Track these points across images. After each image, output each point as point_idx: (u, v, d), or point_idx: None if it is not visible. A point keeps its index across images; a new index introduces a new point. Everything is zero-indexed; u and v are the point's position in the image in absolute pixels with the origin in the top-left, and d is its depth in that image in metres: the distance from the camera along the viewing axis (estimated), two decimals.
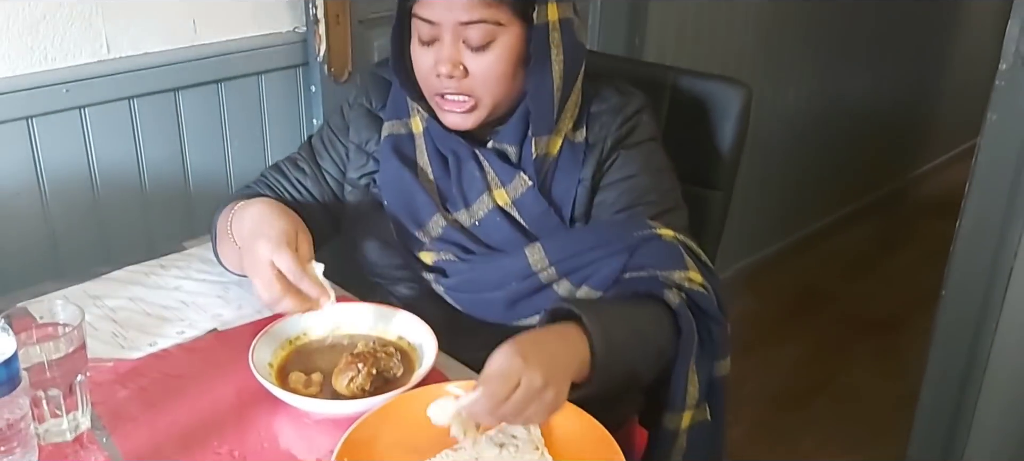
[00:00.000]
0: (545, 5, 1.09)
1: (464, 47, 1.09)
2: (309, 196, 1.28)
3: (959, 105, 3.85)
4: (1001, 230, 1.66)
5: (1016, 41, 1.55)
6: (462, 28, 1.08)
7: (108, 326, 1.16)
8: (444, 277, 1.19)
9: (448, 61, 1.09)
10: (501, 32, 1.09)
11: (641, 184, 1.16)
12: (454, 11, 1.07)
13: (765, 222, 3.13)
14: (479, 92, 1.12)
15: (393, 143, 1.21)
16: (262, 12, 1.57)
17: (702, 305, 1.11)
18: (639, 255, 1.11)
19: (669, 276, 1.09)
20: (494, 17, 1.08)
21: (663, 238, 1.12)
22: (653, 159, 1.19)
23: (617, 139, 1.17)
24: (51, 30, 1.35)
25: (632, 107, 1.18)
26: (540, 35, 1.10)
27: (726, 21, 2.55)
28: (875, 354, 2.75)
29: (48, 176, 1.40)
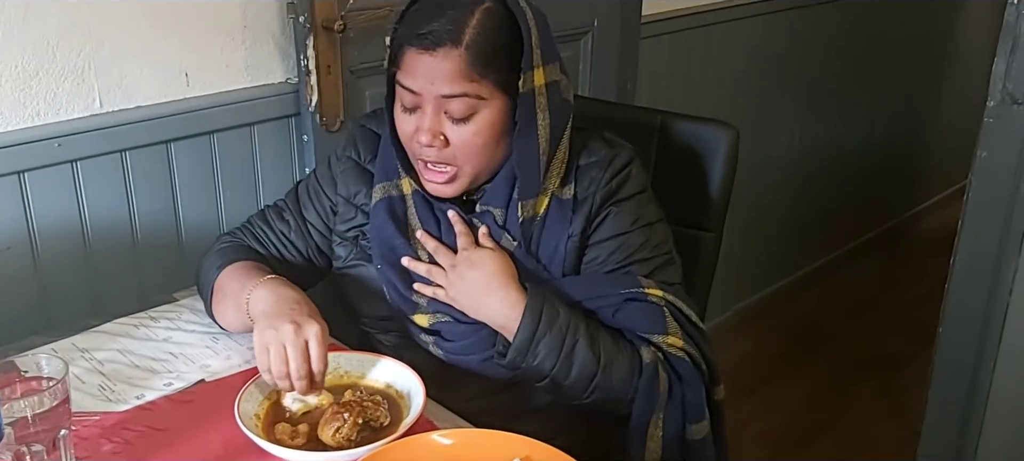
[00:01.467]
0: (531, 72, 1.09)
1: (445, 118, 1.09)
2: (293, 249, 1.28)
3: (955, 142, 3.85)
4: (995, 265, 1.65)
5: (1002, 78, 1.56)
6: (444, 100, 1.08)
7: (95, 379, 1.16)
8: (443, 340, 1.19)
9: (428, 131, 1.09)
10: (483, 105, 1.09)
11: (632, 241, 1.16)
12: (436, 84, 1.07)
13: (764, 263, 3.12)
14: (460, 161, 1.12)
15: (387, 206, 1.20)
16: (254, 64, 1.59)
17: (678, 369, 1.13)
18: (620, 315, 1.13)
19: (648, 337, 1.13)
20: (476, 92, 1.07)
21: (649, 298, 1.13)
22: (644, 213, 1.18)
23: (606, 195, 1.16)
24: (44, 86, 1.37)
25: (621, 160, 1.17)
26: (526, 103, 1.10)
27: (718, 65, 2.58)
28: (877, 394, 2.72)
29: (40, 230, 1.40)
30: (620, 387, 1.11)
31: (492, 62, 1.07)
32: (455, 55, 1.06)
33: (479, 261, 1.14)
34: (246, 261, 1.23)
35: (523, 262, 1.16)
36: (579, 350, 1.10)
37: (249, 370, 1.16)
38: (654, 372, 1.12)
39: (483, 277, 1.13)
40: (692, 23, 2.42)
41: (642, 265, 1.16)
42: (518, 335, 1.09)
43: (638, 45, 2.23)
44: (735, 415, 2.66)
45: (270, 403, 1.07)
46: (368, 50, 1.66)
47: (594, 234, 1.17)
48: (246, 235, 1.30)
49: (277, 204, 1.32)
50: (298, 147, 1.66)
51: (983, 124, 1.61)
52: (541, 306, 1.10)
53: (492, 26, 1.07)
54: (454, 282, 1.15)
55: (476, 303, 1.14)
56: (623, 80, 2.22)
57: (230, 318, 1.21)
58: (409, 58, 1.08)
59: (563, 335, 1.09)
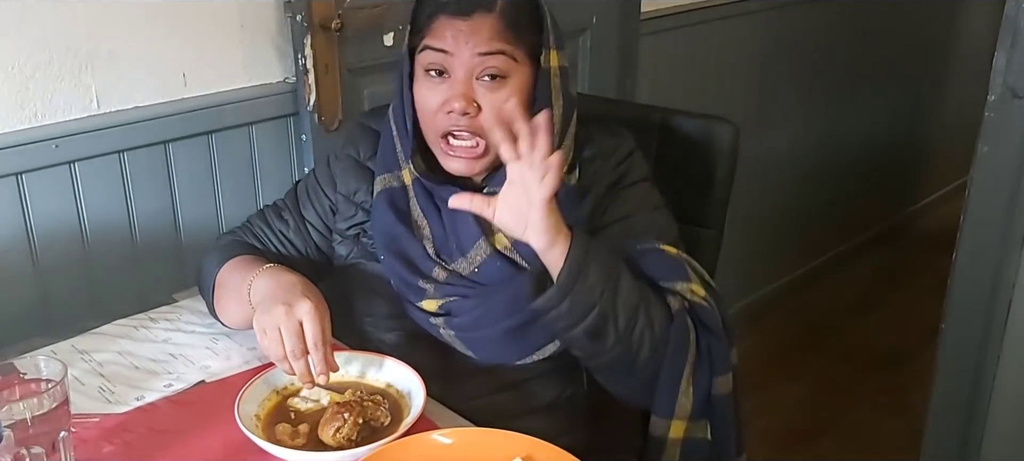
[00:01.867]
0: (549, 51, 1.11)
1: (477, 84, 1.09)
2: (292, 248, 1.28)
3: (955, 138, 3.85)
4: (998, 261, 1.65)
5: (1003, 73, 1.56)
6: (479, 61, 1.08)
7: (95, 381, 1.15)
8: (453, 318, 1.16)
9: (462, 96, 1.08)
10: (515, 69, 1.10)
11: (639, 223, 1.16)
12: (471, 43, 1.08)
13: (765, 260, 3.12)
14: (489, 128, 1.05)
15: (388, 197, 1.19)
16: (252, 63, 1.58)
17: (703, 318, 1.10)
18: (642, 264, 1.11)
19: (672, 286, 1.10)
20: (511, 52, 1.09)
21: (666, 252, 1.12)
22: (649, 198, 1.19)
23: (612, 182, 1.17)
24: (41, 87, 1.36)
25: (624, 150, 1.19)
26: (544, 80, 1.11)
27: (717, 61, 2.57)
28: (881, 390, 2.72)
29: (38, 231, 1.40)
30: (659, 329, 1.06)
31: (523, 29, 1.10)
32: (490, 19, 1.08)
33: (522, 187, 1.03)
34: (246, 255, 1.23)
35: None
36: (624, 281, 1.05)
37: (249, 371, 1.16)
38: (683, 320, 1.08)
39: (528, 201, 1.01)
40: (691, 20, 2.42)
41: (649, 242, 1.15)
42: (570, 254, 1.01)
43: (637, 42, 2.23)
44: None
45: (271, 404, 1.07)
46: (366, 49, 1.65)
47: (602, 219, 1.17)
48: (246, 234, 1.30)
49: (276, 204, 1.32)
50: (297, 146, 1.66)
51: (984, 119, 1.60)
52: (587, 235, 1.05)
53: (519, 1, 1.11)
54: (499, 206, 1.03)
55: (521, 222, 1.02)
56: (623, 77, 2.21)
57: (233, 312, 1.20)
58: (440, 24, 1.09)
59: (609, 263, 1.04)
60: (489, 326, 1.15)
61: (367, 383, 1.11)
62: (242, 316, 1.17)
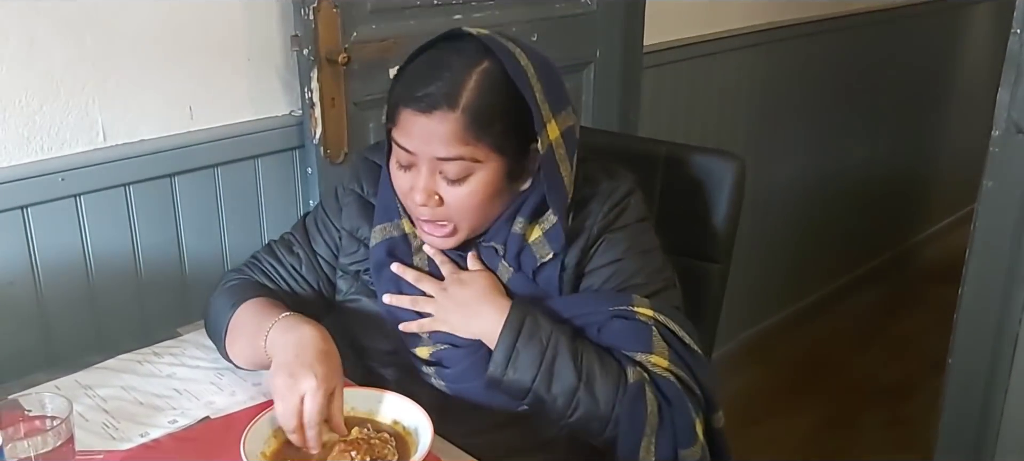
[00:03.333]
0: (544, 130, 1.07)
1: (440, 177, 1.09)
2: (304, 283, 1.27)
3: (956, 170, 3.87)
4: (1004, 294, 1.65)
5: (1007, 108, 1.56)
6: (439, 162, 1.07)
7: (99, 416, 1.14)
8: (444, 368, 1.18)
9: (423, 191, 1.09)
10: (478, 167, 1.08)
11: (628, 267, 1.15)
12: (431, 145, 1.06)
13: (768, 292, 3.11)
14: (456, 218, 1.12)
15: (388, 247, 1.20)
16: (257, 97, 1.59)
17: (664, 391, 1.10)
18: (606, 333, 1.12)
19: (632, 356, 1.11)
20: (471, 154, 1.07)
21: (637, 316, 1.12)
22: (641, 240, 1.18)
23: (603, 226, 1.15)
24: (48, 120, 1.36)
25: (620, 191, 1.17)
26: (548, 159, 1.08)
27: (719, 94, 2.58)
28: (886, 424, 2.70)
29: (42, 264, 1.39)
30: (604, 405, 1.08)
31: (489, 126, 1.06)
32: (451, 118, 1.05)
33: (469, 279, 1.16)
34: (260, 297, 1.21)
35: (519, 287, 1.15)
36: (560, 363, 1.08)
37: (254, 407, 1.15)
38: (639, 392, 1.08)
39: (472, 293, 1.15)
40: (693, 53, 2.43)
41: (637, 289, 1.15)
42: (498, 346, 1.09)
43: (640, 75, 2.23)
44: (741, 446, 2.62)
45: (277, 442, 1.05)
46: (372, 82, 1.66)
47: (590, 263, 1.16)
48: (254, 271, 1.28)
49: (285, 238, 1.31)
50: (302, 180, 1.66)
51: (989, 154, 1.61)
52: (523, 318, 1.10)
53: (489, 88, 1.06)
54: (443, 303, 1.16)
55: (466, 318, 1.14)
56: (625, 110, 2.22)
57: (247, 357, 1.19)
58: (405, 118, 1.07)
59: (543, 347, 1.08)
60: (473, 379, 1.16)
61: (374, 420, 1.10)
62: (257, 361, 1.16)
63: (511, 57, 1.07)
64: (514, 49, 1.08)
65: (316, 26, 1.54)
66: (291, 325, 1.11)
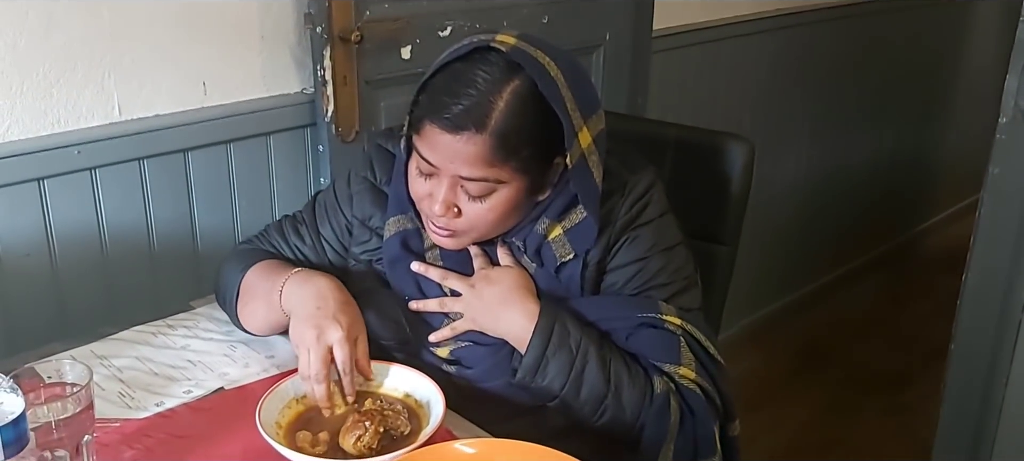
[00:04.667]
0: (575, 139, 1.03)
1: (461, 192, 1.06)
2: (306, 264, 1.25)
3: (963, 158, 3.87)
4: (1008, 282, 1.65)
5: (1015, 95, 1.57)
6: (462, 180, 1.04)
7: (115, 386, 1.16)
8: (465, 368, 1.17)
9: (442, 203, 1.05)
10: (501, 186, 1.05)
11: (651, 266, 1.13)
12: (455, 163, 1.02)
13: (771, 279, 3.12)
14: (468, 229, 1.09)
15: (402, 239, 1.18)
16: (270, 74, 1.60)
17: (689, 402, 1.10)
18: (634, 340, 1.11)
19: (660, 367, 1.11)
20: (496, 176, 1.03)
21: (666, 325, 1.11)
22: (664, 237, 1.15)
23: (626, 222, 1.13)
24: (64, 94, 1.38)
25: (643, 186, 1.14)
26: (580, 168, 1.05)
27: (727, 80, 2.59)
28: (885, 412, 2.71)
29: (58, 236, 1.41)
30: (631, 413, 1.09)
31: (516, 150, 1.02)
32: (479, 141, 1.00)
33: (498, 277, 1.14)
34: (269, 259, 1.23)
35: (543, 282, 1.14)
36: (589, 372, 1.08)
37: (268, 378, 1.16)
38: (665, 402, 1.09)
39: (502, 291, 1.13)
40: (702, 38, 2.44)
41: (661, 289, 1.13)
42: (528, 353, 1.08)
43: (649, 59, 2.24)
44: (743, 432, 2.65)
45: (291, 412, 1.07)
46: (384, 62, 1.67)
47: (613, 260, 1.14)
48: (263, 243, 1.29)
49: (294, 216, 1.30)
50: (313, 157, 1.67)
51: (995, 141, 1.61)
52: (552, 324, 1.08)
53: (520, 109, 1.01)
54: (472, 302, 1.14)
55: (495, 317, 1.12)
56: (634, 93, 2.23)
57: (261, 317, 1.19)
58: (429, 132, 1.02)
59: (573, 355, 1.08)
60: (498, 378, 1.15)
61: (387, 393, 1.11)
62: (271, 322, 1.18)
63: (542, 71, 1.01)
64: (544, 60, 1.02)
65: (329, 5, 1.55)
66: (306, 278, 1.12)
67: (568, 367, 1.08)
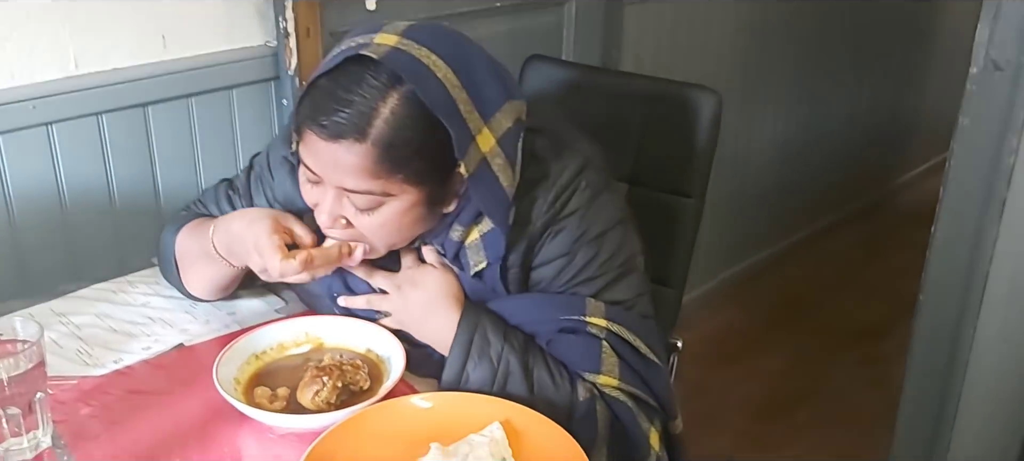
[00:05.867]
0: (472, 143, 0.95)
1: (347, 204, 0.99)
2: None
3: (937, 116, 3.87)
4: (976, 233, 1.66)
5: (986, 46, 1.56)
6: (346, 193, 0.97)
7: (73, 344, 1.15)
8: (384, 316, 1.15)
9: (328, 214, 0.99)
10: (391, 199, 0.97)
11: (577, 260, 1.06)
12: (337, 173, 0.95)
13: (750, 233, 3.13)
14: (369, 240, 1.03)
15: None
16: (232, 27, 1.56)
17: (615, 410, 1.06)
18: (554, 347, 1.07)
19: (581, 375, 1.06)
20: (382, 189, 0.95)
21: (589, 329, 1.05)
22: (594, 223, 1.06)
23: (549, 219, 1.05)
24: (17, 46, 1.34)
25: (568, 174, 1.05)
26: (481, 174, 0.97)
27: (703, 33, 2.56)
28: (859, 362, 2.75)
29: (15, 193, 1.38)
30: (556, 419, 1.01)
31: (404, 161, 0.94)
32: (359, 150, 0.92)
33: (422, 280, 1.09)
34: (193, 221, 1.20)
35: (468, 284, 1.09)
36: (512, 383, 1.02)
37: (228, 335, 1.16)
38: (590, 409, 1.04)
39: (425, 298, 1.08)
40: None
41: (588, 284, 1.07)
42: (448, 366, 1.04)
43: (622, 11, 2.22)
44: (716, 383, 2.68)
45: (250, 368, 1.06)
46: (348, 12, 1.64)
47: (537, 257, 1.07)
48: (199, 208, 1.26)
49: (230, 182, 1.23)
50: (277, 111, 1.64)
51: (966, 92, 1.61)
52: (472, 335, 1.04)
53: (406, 119, 0.92)
54: (399, 305, 1.10)
55: (419, 323, 1.09)
56: (608, 46, 2.20)
57: (202, 273, 1.17)
58: (310, 137, 0.95)
59: (495, 368, 1.03)
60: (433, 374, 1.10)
61: (346, 347, 1.11)
62: (216, 279, 1.16)
63: (426, 75, 0.92)
64: (430, 60, 0.93)
65: None
66: (231, 216, 1.13)
67: (490, 378, 1.03)
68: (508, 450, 0.91)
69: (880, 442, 1.99)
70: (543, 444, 0.91)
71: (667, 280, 1.44)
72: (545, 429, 0.92)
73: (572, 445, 0.90)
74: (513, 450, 0.91)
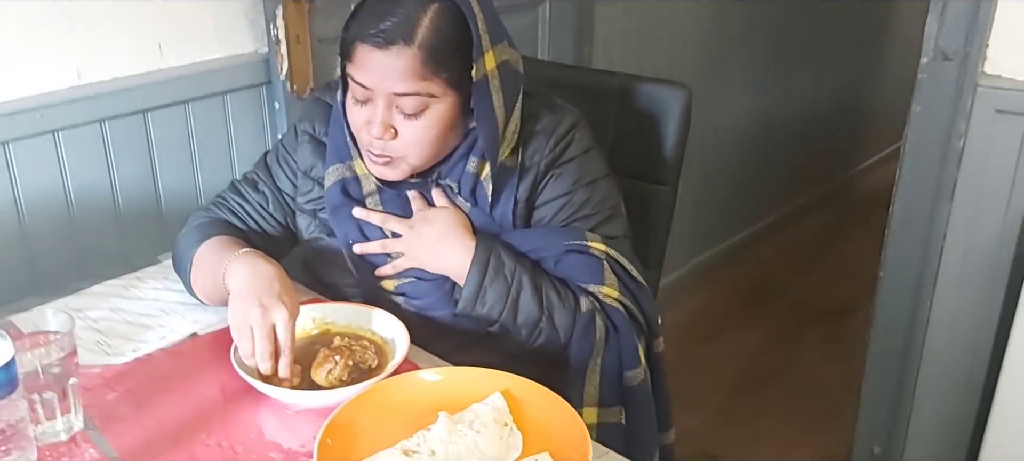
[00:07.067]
0: (481, 59, 1.11)
1: (397, 112, 1.12)
2: (272, 219, 1.32)
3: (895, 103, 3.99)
4: (931, 211, 1.77)
5: (935, 37, 1.67)
6: (396, 98, 1.11)
7: (92, 336, 1.21)
8: (411, 299, 1.25)
9: (380, 124, 1.12)
10: (434, 102, 1.12)
11: (575, 199, 1.23)
12: (388, 80, 1.09)
13: (720, 218, 3.24)
14: (406, 153, 1.16)
15: (342, 186, 1.24)
16: (225, 34, 1.63)
17: (613, 319, 1.21)
18: (561, 266, 1.21)
19: (585, 288, 1.21)
20: (428, 89, 1.10)
21: (590, 251, 1.21)
22: (587, 171, 1.24)
23: (550, 160, 1.21)
24: (25, 58, 1.40)
25: (565, 125, 1.22)
26: (481, 88, 1.12)
27: (669, 29, 2.66)
28: (827, 340, 2.87)
29: (25, 198, 1.44)
30: (563, 333, 1.19)
31: (445, 61, 1.10)
32: (408, 53, 1.08)
33: (433, 216, 1.22)
34: (223, 235, 1.26)
35: (478, 220, 1.22)
36: (524, 297, 1.17)
37: None
38: (590, 319, 1.19)
39: (439, 229, 1.20)
40: None
41: (586, 221, 1.23)
42: (467, 284, 1.17)
43: (593, 11, 2.31)
44: (693, 361, 2.77)
45: None
46: (335, 19, 1.69)
47: (540, 197, 1.23)
48: (222, 210, 1.32)
49: (248, 177, 1.34)
50: (270, 114, 1.71)
51: (917, 80, 1.72)
52: (488, 256, 1.17)
53: (444, 25, 1.10)
54: (412, 241, 1.22)
55: (435, 254, 1.21)
56: (580, 45, 2.30)
57: (209, 291, 1.23)
58: (361, 53, 1.09)
59: (508, 284, 1.17)
60: (442, 309, 1.24)
61: (354, 330, 1.19)
62: (217, 296, 1.20)
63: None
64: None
65: None
66: (251, 260, 1.13)
67: (505, 294, 1.17)
68: (509, 415, 1.00)
69: (847, 412, 2.10)
70: (539, 409, 1.00)
71: (646, 263, 1.52)
72: (539, 396, 1.01)
73: (565, 407, 0.99)
74: (513, 416, 1.00)
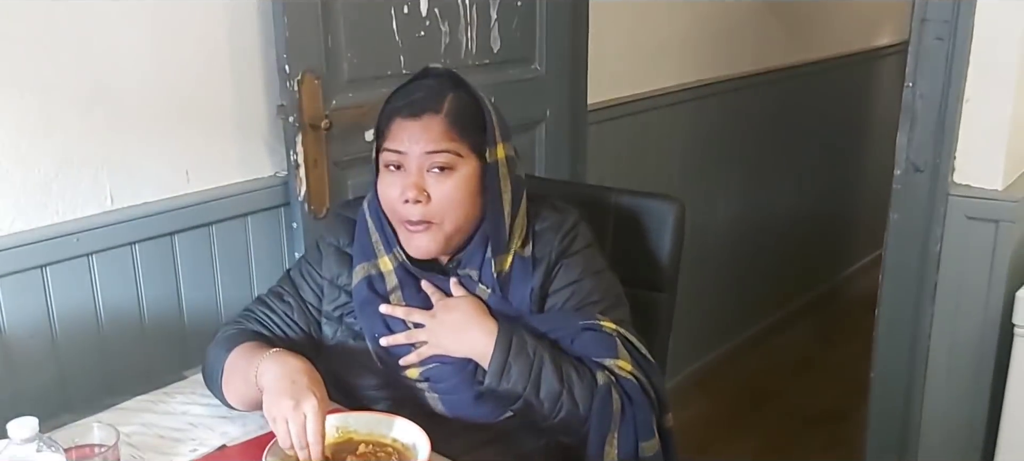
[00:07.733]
0: (494, 146, 1.30)
1: (428, 176, 1.27)
2: (296, 327, 1.40)
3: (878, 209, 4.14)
4: (914, 311, 1.86)
5: (906, 150, 1.80)
6: (428, 157, 1.27)
7: (126, 450, 1.26)
8: (436, 384, 1.33)
9: (413, 186, 1.27)
10: (461, 162, 1.28)
11: (585, 286, 1.35)
12: (420, 143, 1.27)
13: (710, 328, 3.30)
14: (438, 216, 1.28)
15: (368, 284, 1.35)
16: (247, 160, 1.75)
17: (628, 391, 1.30)
18: (577, 344, 1.31)
19: (601, 362, 1.30)
20: (455, 149, 1.27)
21: (603, 329, 1.32)
22: (592, 263, 1.37)
23: (560, 252, 1.35)
24: (62, 187, 1.50)
25: (569, 222, 1.37)
26: (492, 172, 1.30)
27: (657, 145, 2.79)
28: (823, 446, 2.88)
29: (58, 317, 1.52)
30: (582, 407, 1.27)
31: (467, 129, 1.28)
32: (437, 119, 1.27)
33: (454, 304, 1.33)
34: (250, 341, 1.34)
35: (497, 306, 1.33)
36: (546, 372, 1.26)
37: (268, 433, 1.27)
38: (608, 393, 1.28)
39: (461, 315, 1.31)
40: (632, 110, 2.66)
41: (595, 305, 1.33)
42: (492, 361, 1.26)
43: (586, 131, 2.44)
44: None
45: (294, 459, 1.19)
46: (349, 144, 1.83)
47: (552, 285, 1.35)
48: (248, 321, 1.40)
49: (274, 290, 1.44)
50: (288, 234, 1.81)
51: (893, 190, 1.84)
52: (511, 335, 1.27)
53: (464, 106, 1.30)
54: (435, 328, 1.32)
55: (458, 338, 1.30)
56: (574, 161, 2.42)
57: (241, 394, 1.30)
58: (396, 126, 1.28)
59: (531, 359, 1.26)
60: (465, 391, 1.32)
61: (376, 438, 1.25)
62: (250, 398, 1.27)
63: (474, 89, 1.32)
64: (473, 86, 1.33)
65: (300, 96, 1.71)
66: (282, 358, 1.21)
67: (528, 370, 1.26)
68: None
69: None
70: None
71: None
72: None
73: None
74: None
